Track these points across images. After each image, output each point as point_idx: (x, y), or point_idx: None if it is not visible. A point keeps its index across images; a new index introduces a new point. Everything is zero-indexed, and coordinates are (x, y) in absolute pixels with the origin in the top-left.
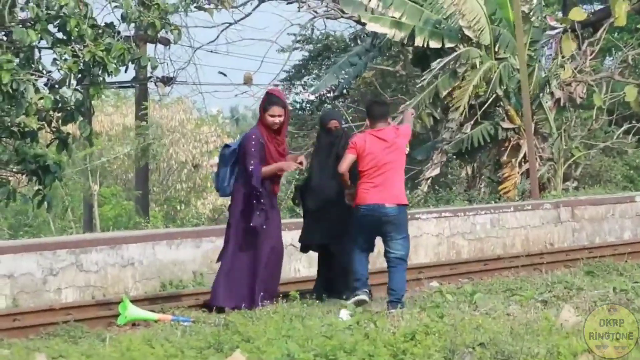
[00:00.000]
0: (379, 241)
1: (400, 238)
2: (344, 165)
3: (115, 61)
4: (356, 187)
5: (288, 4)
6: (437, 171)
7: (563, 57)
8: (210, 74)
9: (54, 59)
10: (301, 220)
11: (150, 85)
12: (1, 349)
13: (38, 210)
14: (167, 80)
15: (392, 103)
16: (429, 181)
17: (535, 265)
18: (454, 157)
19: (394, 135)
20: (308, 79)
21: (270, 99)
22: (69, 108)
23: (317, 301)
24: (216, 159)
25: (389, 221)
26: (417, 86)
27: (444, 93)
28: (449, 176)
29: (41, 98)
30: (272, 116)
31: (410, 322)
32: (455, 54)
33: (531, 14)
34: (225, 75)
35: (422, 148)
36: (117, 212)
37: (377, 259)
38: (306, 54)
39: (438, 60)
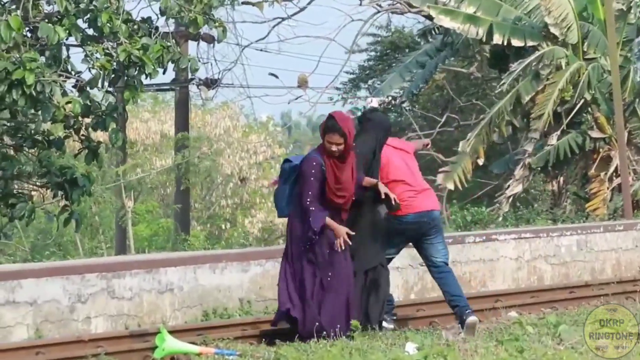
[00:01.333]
0: None
1: (443, 241)
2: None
3: (154, 61)
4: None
5: None
6: (519, 188)
7: None
8: (259, 75)
9: (84, 58)
10: None
11: (192, 88)
12: None
13: (64, 230)
14: (211, 83)
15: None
16: (510, 199)
17: (628, 294)
18: (539, 170)
19: (404, 143)
20: (373, 83)
21: (328, 124)
22: (100, 113)
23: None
24: (276, 177)
25: (436, 226)
26: (496, 91)
27: (527, 98)
28: (532, 191)
29: (69, 102)
30: (330, 143)
31: (486, 357)
32: (538, 53)
33: (627, 9)
34: (276, 77)
35: (500, 161)
36: (153, 231)
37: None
38: (372, 53)
39: (519, 61)
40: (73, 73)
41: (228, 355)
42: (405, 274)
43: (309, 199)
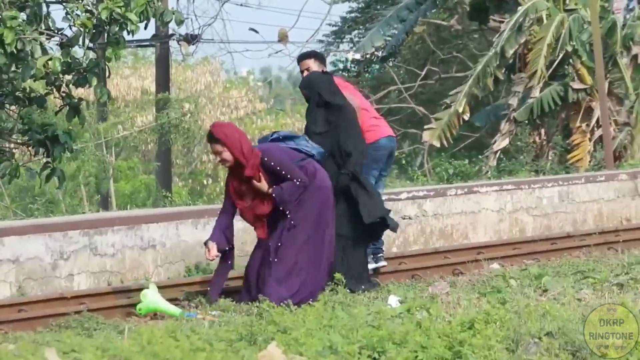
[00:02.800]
0: None
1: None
2: None
3: (136, 16)
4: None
5: None
6: (506, 142)
7: None
8: (239, 30)
9: (65, 16)
10: None
11: (173, 44)
12: (6, 343)
13: (45, 187)
14: (192, 38)
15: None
16: (497, 154)
17: (610, 244)
18: (525, 123)
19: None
20: (356, 35)
21: (208, 136)
22: (81, 70)
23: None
24: None
25: (393, 153)
26: (490, 54)
27: (510, 52)
28: (518, 143)
29: (50, 59)
30: (214, 154)
31: (468, 309)
32: (521, 7)
33: None
34: (256, 32)
35: (482, 113)
36: (134, 187)
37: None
38: (354, 5)
39: (507, 20)
40: (55, 31)
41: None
42: None
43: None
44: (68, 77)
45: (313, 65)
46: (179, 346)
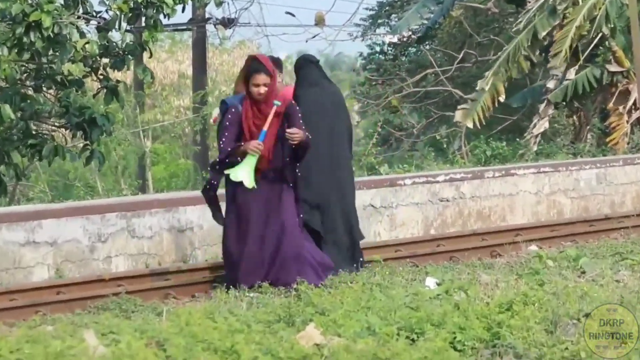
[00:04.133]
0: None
1: None
2: None
3: (172, 1)
4: None
5: None
6: (546, 125)
7: None
8: (276, 14)
9: (100, 0)
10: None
11: (209, 28)
12: (45, 325)
13: (82, 172)
14: (228, 22)
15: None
16: (538, 138)
17: None
18: (563, 106)
19: None
20: (393, 19)
21: (253, 66)
22: (119, 52)
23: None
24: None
25: None
26: (514, 29)
27: (543, 34)
28: (555, 125)
29: (87, 42)
30: (257, 85)
31: (506, 291)
32: None
33: None
34: (293, 15)
35: (518, 95)
36: (172, 171)
37: None
38: None
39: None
40: (94, 14)
41: None
42: (425, 210)
43: (222, 144)
44: (105, 60)
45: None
46: (217, 327)
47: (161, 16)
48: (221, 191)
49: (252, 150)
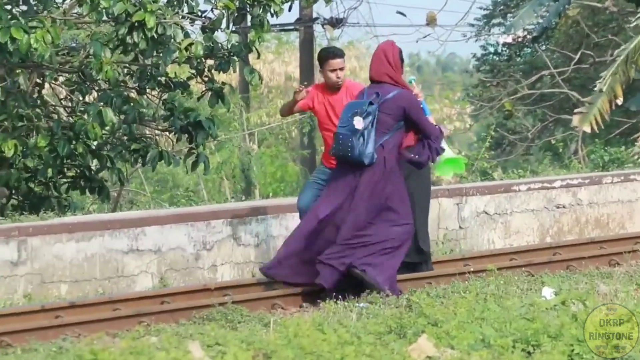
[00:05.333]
0: None
1: None
2: None
3: None
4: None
5: None
6: None
7: None
8: (386, 13)
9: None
10: None
11: (317, 28)
12: (148, 336)
13: (186, 178)
14: (337, 22)
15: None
16: None
17: None
18: None
19: None
20: (509, 19)
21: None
22: (224, 54)
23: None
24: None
25: None
26: (631, 25)
27: None
28: None
29: (191, 44)
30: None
31: (627, 301)
32: None
33: None
34: (404, 15)
35: (638, 97)
36: (279, 175)
37: None
38: None
39: None
40: (199, 14)
41: None
42: (541, 217)
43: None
44: (210, 61)
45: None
46: (326, 339)
47: (268, 15)
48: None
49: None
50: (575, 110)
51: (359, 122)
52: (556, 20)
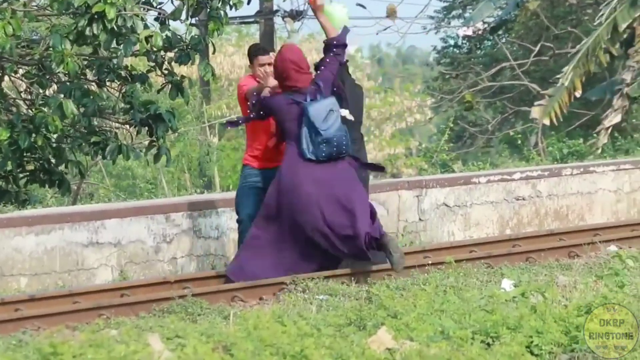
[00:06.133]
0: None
1: None
2: None
3: None
4: None
5: None
6: (618, 118)
7: None
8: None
9: None
10: None
11: (277, 20)
12: (108, 329)
13: (144, 171)
14: (297, 15)
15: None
16: (609, 130)
17: None
18: (635, 100)
19: None
20: (469, 11)
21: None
22: (183, 47)
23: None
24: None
25: None
26: (596, 22)
27: (624, 26)
28: (634, 121)
29: (151, 35)
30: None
31: (585, 293)
32: None
33: None
34: (364, 7)
35: (597, 88)
36: (239, 168)
37: None
38: None
39: None
40: (155, 5)
41: None
42: (500, 209)
43: None
44: (170, 54)
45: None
46: (286, 331)
47: (227, 8)
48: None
49: None
50: (535, 103)
51: (338, 119)
52: (515, 12)
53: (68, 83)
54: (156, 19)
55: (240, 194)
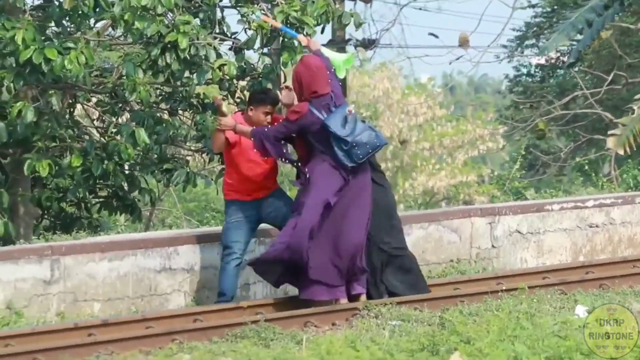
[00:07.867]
0: None
1: None
2: None
3: (314, 19)
4: None
5: None
6: None
7: None
8: (418, 35)
9: (240, 19)
10: None
11: (350, 49)
12: (181, 353)
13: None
14: (369, 43)
15: None
16: None
17: None
18: None
19: None
20: (542, 40)
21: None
22: (255, 75)
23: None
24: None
25: None
26: None
27: None
28: None
29: (224, 64)
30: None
31: None
32: None
33: None
34: (436, 36)
35: None
36: None
37: None
38: (538, 10)
39: None
40: (229, 35)
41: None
42: (574, 236)
43: None
44: (242, 82)
45: None
46: (358, 357)
47: None
48: None
49: None
50: (609, 132)
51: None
52: (589, 43)
53: (140, 111)
54: (230, 48)
55: (228, 228)
